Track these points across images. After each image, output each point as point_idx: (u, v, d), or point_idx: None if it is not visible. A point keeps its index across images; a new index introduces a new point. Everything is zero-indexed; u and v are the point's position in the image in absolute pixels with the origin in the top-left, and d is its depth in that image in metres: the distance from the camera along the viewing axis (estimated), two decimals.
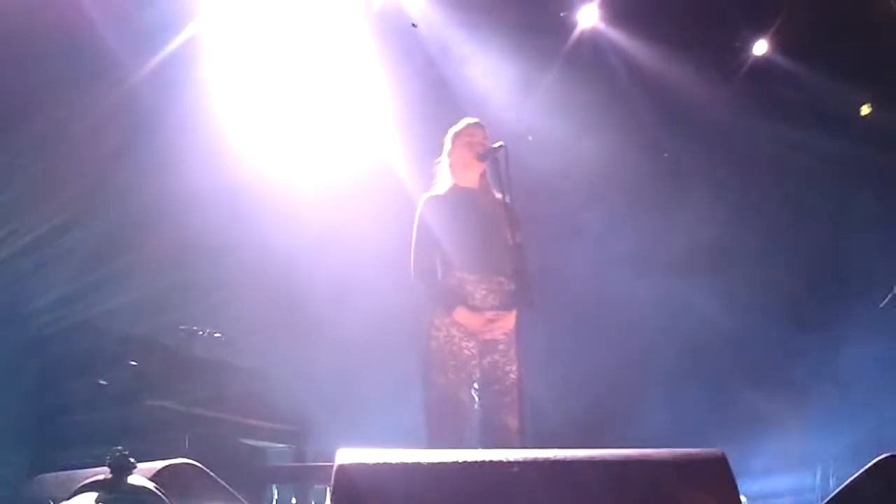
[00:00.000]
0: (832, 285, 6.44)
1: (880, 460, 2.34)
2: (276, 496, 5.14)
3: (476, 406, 4.09)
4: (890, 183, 6.65)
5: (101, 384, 4.66)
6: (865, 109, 7.29)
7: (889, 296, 5.42)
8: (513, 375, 4.03)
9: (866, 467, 2.33)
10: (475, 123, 4.33)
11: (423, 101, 6.75)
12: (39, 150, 5.32)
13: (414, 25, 6.61)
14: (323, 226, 6.41)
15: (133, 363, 4.91)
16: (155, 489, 2.37)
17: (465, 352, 4.05)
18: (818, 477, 6.14)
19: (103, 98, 5.41)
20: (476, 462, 2.29)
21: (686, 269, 6.91)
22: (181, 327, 5.15)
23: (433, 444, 3.93)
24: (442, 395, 4.00)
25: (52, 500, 2.33)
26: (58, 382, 4.77)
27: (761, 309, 6.88)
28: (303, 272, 6.47)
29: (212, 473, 3.03)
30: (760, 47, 7.11)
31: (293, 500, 5.01)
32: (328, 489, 2.32)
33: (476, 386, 4.08)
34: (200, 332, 5.22)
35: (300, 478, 5.15)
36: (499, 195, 4.12)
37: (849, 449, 5.90)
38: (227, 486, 3.05)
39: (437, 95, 6.80)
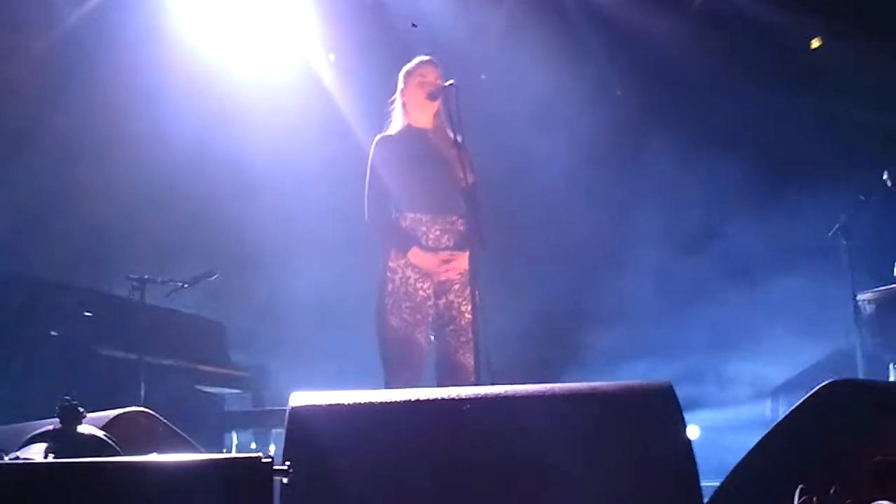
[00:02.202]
0: (781, 217, 6.52)
1: (823, 385, 2.40)
2: (235, 442, 5.16)
3: (433, 347, 4.12)
4: (836, 120, 6.71)
5: (52, 335, 4.59)
6: (816, 43, 7.30)
7: (836, 226, 5.54)
8: (468, 315, 4.04)
9: (809, 393, 2.39)
10: (427, 61, 4.26)
11: (375, 41, 6.63)
12: None
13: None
14: (273, 171, 6.33)
15: (88, 314, 4.84)
16: (105, 437, 2.35)
17: (421, 293, 4.06)
18: (769, 409, 6.32)
19: (37, 40, 5.23)
20: (427, 400, 2.31)
21: (637, 202, 6.97)
22: (131, 276, 5.07)
23: (391, 385, 3.95)
24: (398, 336, 4.00)
25: (3, 452, 2.29)
26: (7, 333, 4.69)
27: (711, 240, 7.00)
28: (255, 217, 6.41)
29: (166, 421, 3.01)
30: None
31: (252, 445, 5.03)
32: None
33: (432, 326, 4.11)
34: (152, 281, 5.15)
35: (257, 423, 5.17)
36: (452, 135, 4.08)
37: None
38: (182, 433, 3.03)
39: (389, 36, 6.68)
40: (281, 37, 6.35)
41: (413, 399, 2.33)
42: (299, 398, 2.31)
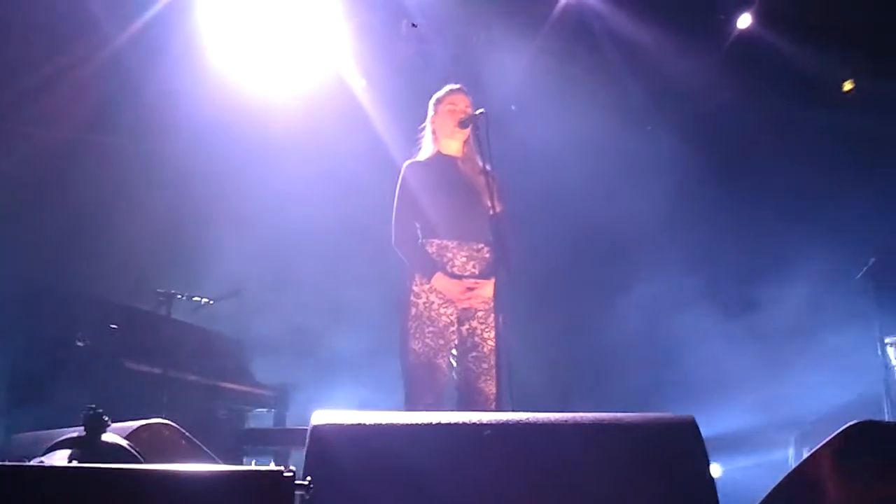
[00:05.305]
0: (814, 256, 6.47)
1: (848, 426, 2.37)
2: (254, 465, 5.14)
3: (454, 373, 4.12)
4: (871, 156, 6.66)
5: (79, 345, 4.64)
6: (848, 85, 7.28)
7: (864, 268, 5.48)
8: (491, 342, 4.04)
9: (834, 433, 2.37)
10: (457, 89, 4.31)
11: (408, 68, 6.71)
12: (20, 113, 5.27)
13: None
14: (305, 192, 6.39)
15: (113, 326, 4.89)
16: (129, 447, 2.37)
17: (444, 318, 4.06)
18: (792, 451, 6.24)
19: (85, 60, 5.35)
20: (448, 424, 2.30)
21: (666, 240, 6.95)
22: (159, 290, 5.13)
23: (411, 408, 3.95)
24: (420, 361, 4.01)
25: (27, 458, 2.32)
26: (35, 344, 4.75)
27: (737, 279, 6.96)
28: (285, 237, 6.46)
29: (188, 434, 3.02)
30: (745, 21, 7.05)
31: (272, 464, 5.01)
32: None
33: (454, 352, 4.11)
34: (179, 296, 5.20)
35: (277, 441, 5.15)
36: (481, 163, 4.11)
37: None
38: (203, 447, 3.04)
39: (421, 63, 6.76)
40: (316, 61, 6.44)
41: (434, 422, 2.32)
42: (321, 416, 2.32)
